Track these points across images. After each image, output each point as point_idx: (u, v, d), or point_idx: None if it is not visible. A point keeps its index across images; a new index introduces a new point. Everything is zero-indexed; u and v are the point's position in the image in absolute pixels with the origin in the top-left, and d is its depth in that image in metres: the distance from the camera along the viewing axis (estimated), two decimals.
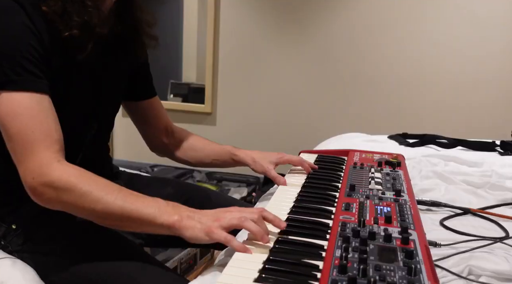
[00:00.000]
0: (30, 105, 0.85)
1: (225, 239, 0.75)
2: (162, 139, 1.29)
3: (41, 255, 0.97)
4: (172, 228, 0.79)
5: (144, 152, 1.42)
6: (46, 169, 0.82)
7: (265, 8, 3.14)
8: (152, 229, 0.82)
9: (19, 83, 0.84)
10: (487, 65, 2.78)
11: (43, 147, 0.84)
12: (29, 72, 0.85)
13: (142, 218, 0.81)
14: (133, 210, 0.81)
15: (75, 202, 0.82)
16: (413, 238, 0.75)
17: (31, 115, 0.84)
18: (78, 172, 0.84)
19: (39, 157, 0.83)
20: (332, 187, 1.05)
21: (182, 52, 3.50)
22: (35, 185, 0.83)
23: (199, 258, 2.15)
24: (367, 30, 2.96)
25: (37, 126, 0.84)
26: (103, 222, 0.86)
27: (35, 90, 0.86)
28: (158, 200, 0.84)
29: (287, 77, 3.16)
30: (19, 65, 0.85)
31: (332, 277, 0.62)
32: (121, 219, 0.82)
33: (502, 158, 1.69)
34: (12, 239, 0.99)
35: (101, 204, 0.81)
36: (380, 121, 2.99)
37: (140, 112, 1.26)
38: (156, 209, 0.81)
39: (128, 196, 0.83)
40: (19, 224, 0.99)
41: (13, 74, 0.84)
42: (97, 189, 0.82)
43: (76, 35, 0.92)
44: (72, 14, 0.91)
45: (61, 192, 0.82)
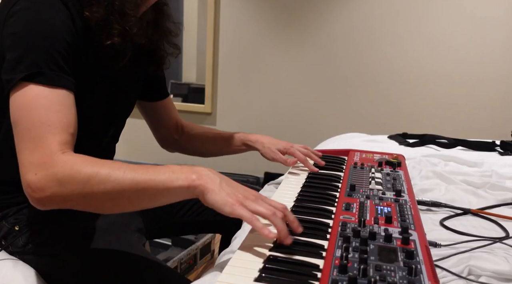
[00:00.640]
0: (55, 99, 0.83)
1: (250, 218, 0.71)
2: (173, 135, 1.33)
3: (43, 257, 0.97)
4: (191, 187, 0.75)
5: (144, 152, 1.43)
6: (49, 162, 0.78)
7: (265, 8, 3.14)
8: (171, 196, 0.77)
9: (50, 77, 0.84)
10: (487, 65, 2.78)
11: (54, 139, 0.80)
12: (61, 68, 0.86)
13: (157, 186, 0.75)
14: (146, 180, 0.76)
15: (82, 189, 0.76)
16: (414, 238, 0.75)
17: (54, 110, 0.82)
18: (82, 158, 0.80)
19: (47, 150, 0.79)
20: (333, 187, 1.05)
21: (182, 52, 3.49)
22: (36, 181, 0.77)
23: (199, 258, 2.15)
24: (367, 30, 2.96)
25: (56, 121, 0.82)
26: (118, 203, 0.79)
27: (63, 87, 0.85)
28: (171, 166, 0.79)
29: (287, 77, 3.16)
30: (53, 60, 0.85)
31: (333, 277, 0.62)
32: (136, 194, 0.77)
33: (502, 158, 1.69)
34: (14, 240, 0.99)
35: (111, 182, 0.75)
36: (380, 121, 2.99)
37: (153, 112, 1.30)
38: (170, 173, 0.76)
39: (137, 168, 0.78)
40: (22, 225, 0.99)
41: (46, 68, 0.84)
42: (103, 168, 0.77)
43: (117, 43, 0.93)
44: (113, 22, 0.92)
45: (65, 183, 0.76)
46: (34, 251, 0.97)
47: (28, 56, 0.83)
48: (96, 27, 0.91)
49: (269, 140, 1.27)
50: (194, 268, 2.09)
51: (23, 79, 0.82)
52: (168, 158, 3.36)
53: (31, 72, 0.82)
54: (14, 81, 0.82)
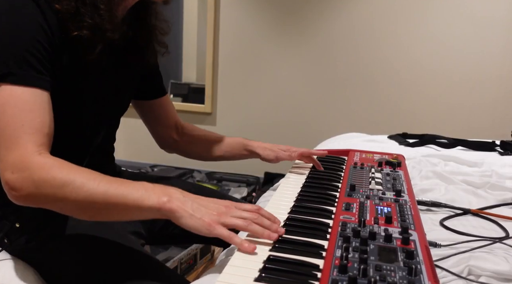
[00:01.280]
0: (27, 99, 0.83)
1: (228, 236, 0.73)
2: (172, 136, 1.30)
3: (43, 255, 0.97)
4: (162, 210, 0.75)
5: (144, 152, 1.42)
6: (26, 163, 0.78)
7: (265, 8, 3.14)
8: (141, 214, 0.78)
9: (20, 77, 0.83)
10: (487, 65, 2.78)
11: (30, 141, 0.80)
12: (31, 66, 0.84)
13: (128, 203, 0.76)
14: (118, 196, 0.77)
15: (55, 194, 0.77)
16: (414, 239, 0.75)
17: (26, 109, 0.82)
18: (59, 163, 0.80)
19: (22, 150, 0.79)
20: (333, 187, 1.05)
21: (182, 52, 3.50)
22: (13, 180, 0.78)
23: (199, 258, 2.15)
24: (367, 30, 2.96)
25: (29, 121, 0.81)
26: (87, 213, 0.81)
27: (34, 85, 0.84)
28: (144, 183, 0.79)
29: (287, 77, 3.16)
30: (23, 59, 0.83)
31: (333, 277, 0.62)
32: (106, 207, 0.78)
33: (502, 158, 1.69)
34: (15, 238, 0.99)
35: (84, 192, 0.76)
36: (380, 121, 2.99)
37: (150, 111, 1.27)
38: (143, 192, 0.77)
39: (112, 182, 0.78)
40: (23, 223, 0.99)
41: (16, 67, 0.83)
42: (79, 177, 0.78)
43: (86, 36, 0.91)
44: (84, 15, 0.90)
45: (40, 186, 0.77)
46: (36, 248, 0.97)
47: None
48: (66, 19, 0.89)
49: (269, 145, 1.28)
50: (194, 268, 2.09)
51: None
52: (168, 159, 3.36)
53: (1, 72, 0.82)
54: None
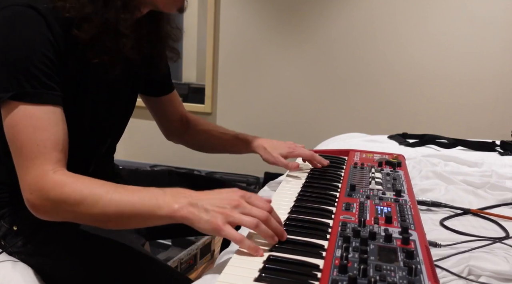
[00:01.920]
0: (40, 117, 0.84)
1: (235, 239, 0.73)
2: (178, 128, 1.34)
3: (42, 257, 0.97)
4: (174, 218, 0.77)
5: (144, 152, 1.43)
6: (42, 183, 0.82)
7: (265, 8, 3.14)
8: (155, 222, 0.80)
9: (33, 96, 0.84)
10: (487, 65, 2.78)
11: (44, 160, 0.83)
12: (44, 84, 0.85)
13: (141, 214, 0.79)
14: (131, 208, 0.79)
15: (73, 211, 0.81)
16: (414, 238, 0.75)
17: (40, 128, 0.84)
18: (72, 180, 0.83)
19: (39, 171, 0.82)
20: (333, 187, 1.05)
21: (182, 52, 3.48)
22: (33, 199, 0.82)
23: (199, 258, 2.15)
24: (366, 30, 2.96)
25: (44, 140, 0.83)
26: (107, 225, 0.84)
27: (47, 103, 0.85)
28: (154, 190, 0.81)
29: (287, 77, 3.16)
30: (34, 77, 0.84)
31: (333, 277, 0.62)
32: (121, 219, 0.81)
33: (502, 158, 1.69)
34: (13, 240, 0.99)
35: (98, 208, 0.79)
36: (380, 121, 2.99)
37: (158, 106, 1.30)
38: (154, 202, 0.78)
39: (124, 195, 0.80)
40: (20, 226, 0.99)
41: (28, 86, 0.84)
42: (91, 195, 0.80)
43: (106, 60, 0.91)
44: (105, 40, 0.90)
45: (56, 205, 0.81)
46: (33, 251, 0.97)
47: (10, 75, 0.83)
48: (83, 45, 0.89)
49: (271, 144, 1.25)
50: (194, 268, 2.10)
51: (9, 98, 0.83)
52: (168, 159, 3.36)
53: (16, 92, 0.83)
54: (1, 100, 0.84)
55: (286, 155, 1.23)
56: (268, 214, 0.76)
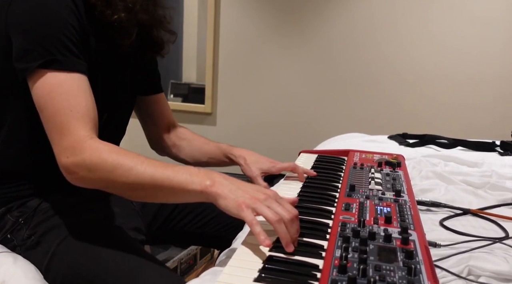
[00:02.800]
0: (72, 84, 0.87)
1: (250, 221, 0.73)
2: (164, 137, 1.30)
3: (44, 250, 0.97)
4: (204, 193, 0.78)
5: (144, 152, 1.42)
6: (79, 148, 0.84)
7: (265, 8, 3.14)
8: (185, 197, 0.81)
9: (64, 63, 0.86)
10: (487, 65, 2.78)
11: (80, 126, 0.85)
12: (72, 52, 0.88)
13: (173, 186, 0.80)
14: (164, 179, 0.80)
15: (107, 177, 0.83)
16: (413, 239, 0.75)
17: (72, 95, 0.86)
18: (108, 148, 0.85)
19: (75, 136, 0.84)
20: (332, 187, 1.05)
21: (182, 52, 3.50)
22: (69, 164, 0.84)
23: (199, 258, 2.15)
24: (366, 30, 2.96)
25: (76, 106, 0.86)
26: (137, 194, 0.86)
27: (77, 71, 0.88)
28: (189, 167, 0.83)
29: (287, 77, 3.16)
30: (64, 46, 0.87)
31: (332, 277, 0.62)
32: (153, 189, 0.82)
33: (502, 158, 1.69)
34: (18, 233, 0.99)
35: (132, 175, 0.81)
36: (380, 121, 2.99)
37: (145, 107, 1.27)
38: (187, 176, 0.80)
39: (158, 166, 0.82)
40: (26, 219, 0.99)
41: (59, 54, 0.86)
42: (127, 161, 0.82)
43: (124, 19, 0.94)
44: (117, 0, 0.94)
45: (92, 169, 0.83)
46: (36, 243, 0.98)
47: (39, 43, 0.86)
48: (100, 4, 0.93)
49: (253, 158, 1.18)
50: (194, 268, 2.10)
51: (38, 66, 0.85)
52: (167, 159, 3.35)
53: (46, 59, 0.85)
54: (30, 70, 0.86)
55: (267, 170, 1.17)
56: (293, 216, 0.75)
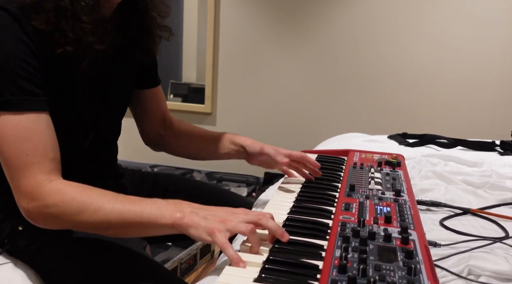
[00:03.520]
0: (26, 126, 0.81)
1: (222, 245, 0.72)
2: (159, 130, 1.24)
3: (44, 257, 0.97)
4: (176, 226, 0.77)
5: (144, 152, 1.41)
6: (38, 193, 0.80)
7: (265, 8, 3.14)
8: (156, 231, 0.80)
9: (15, 104, 0.80)
10: (487, 65, 2.78)
11: (37, 169, 0.81)
12: (25, 91, 0.81)
13: (143, 222, 0.78)
14: (133, 216, 0.79)
15: (73, 220, 0.80)
16: (413, 238, 0.75)
17: (27, 137, 0.81)
18: (71, 189, 0.82)
19: (33, 181, 0.80)
20: (332, 187, 1.05)
21: (182, 52, 3.50)
22: (31, 210, 0.81)
23: (199, 258, 2.15)
24: (367, 30, 2.96)
25: (32, 149, 0.81)
26: (106, 232, 0.84)
27: (31, 110, 0.82)
28: (157, 200, 0.81)
29: (287, 77, 3.16)
30: (15, 84, 0.80)
31: (332, 277, 0.62)
32: (122, 227, 0.80)
33: (502, 158, 1.69)
34: (17, 240, 0.98)
35: (100, 216, 0.79)
36: (380, 121, 2.99)
37: (141, 101, 1.21)
38: (156, 210, 0.78)
39: (126, 203, 0.80)
40: (25, 226, 0.98)
41: (9, 94, 0.80)
42: (93, 202, 0.80)
43: (71, 52, 0.86)
44: (66, 30, 0.85)
45: (56, 215, 0.80)
46: (35, 251, 0.97)
47: None
48: (46, 36, 0.84)
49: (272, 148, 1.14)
50: (194, 268, 2.09)
51: None
52: (168, 159, 3.35)
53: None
54: None
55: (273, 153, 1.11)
56: (265, 214, 0.77)
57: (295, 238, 0.76)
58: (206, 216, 0.77)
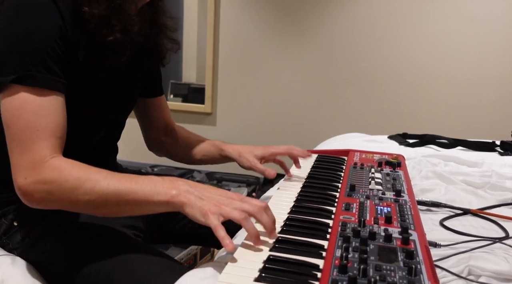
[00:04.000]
0: (41, 103, 0.83)
1: (214, 227, 0.73)
2: (160, 137, 1.29)
3: (41, 252, 0.97)
4: (171, 203, 0.78)
5: (144, 152, 1.42)
6: (38, 168, 0.81)
7: (265, 8, 3.14)
8: (151, 208, 0.80)
9: (37, 80, 0.83)
10: (487, 65, 2.78)
11: (43, 145, 0.82)
12: (49, 70, 0.85)
13: (138, 198, 0.79)
14: (129, 192, 0.79)
15: (68, 197, 0.80)
16: (413, 238, 0.75)
17: (41, 114, 0.83)
18: (70, 165, 0.83)
19: (36, 155, 0.82)
20: (332, 187, 1.05)
21: (182, 52, 3.50)
22: (27, 185, 0.81)
23: (199, 258, 2.15)
24: (367, 30, 2.96)
25: (43, 125, 0.83)
26: (101, 211, 0.83)
27: (50, 88, 0.85)
28: (153, 177, 0.82)
29: (287, 77, 3.16)
30: (42, 62, 0.84)
31: (333, 277, 0.62)
32: (118, 204, 0.81)
33: (502, 158, 1.69)
34: (13, 236, 0.99)
35: (95, 192, 0.79)
36: (380, 121, 2.99)
37: (145, 109, 1.26)
38: (152, 187, 0.79)
39: (122, 180, 0.81)
40: (21, 222, 0.99)
41: (34, 70, 0.83)
42: (90, 178, 0.80)
43: (119, 39, 0.92)
44: (113, 19, 0.91)
45: (53, 189, 0.80)
46: (31, 245, 0.97)
47: (16, 57, 0.83)
48: (96, 23, 0.89)
49: (247, 149, 1.19)
50: (194, 268, 2.09)
51: (12, 81, 0.82)
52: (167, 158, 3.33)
53: (20, 74, 0.82)
54: (3, 84, 0.83)
55: (262, 155, 1.17)
56: (261, 207, 0.77)
57: (295, 238, 0.76)
58: (201, 196, 0.78)
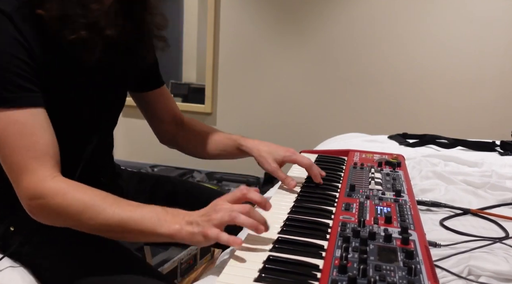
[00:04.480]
0: (23, 122, 0.82)
1: (216, 238, 0.74)
2: (171, 130, 1.25)
3: (39, 258, 0.96)
4: (175, 238, 0.78)
5: (144, 152, 1.42)
6: (40, 191, 0.81)
7: (265, 8, 3.14)
8: (155, 239, 0.81)
9: (12, 101, 0.81)
10: (487, 65, 2.78)
11: (38, 165, 0.81)
12: (21, 87, 0.82)
13: (142, 230, 0.80)
14: (132, 223, 0.80)
15: (75, 219, 0.81)
16: (413, 238, 0.75)
17: (26, 133, 0.81)
18: (73, 188, 0.82)
19: (34, 177, 0.81)
20: (332, 187, 1.05)
21: (182, 52, 3.50)
22: (33, 206, 0.82)
23: (199, 258, 2.15)
24: (367, 31, 2.96)
25: (32, 145, 0.82)
26: (106, 234, 0.84)
27: (28, 106, 0.82)
28: (156, 208, 0.81)
29: (287, 77, 3.16)
30: (10, 82, 0.81)
31: (332, 277, 0.62)
32: (122, 232, 0.81)
33: (502, 158, 1.70)
34: (10, 241, 0.98)
35: (100, 219, 0.80)
36: (380, 121, 2.99)
37: (148, 103, 1.22)
38: (155, 220, 0.79)
39: (126, 210, 0.81)
40: (18, 227, 0.98)
41: (5, 92, 0.81)
42: (94, 204, 0.80)
43: (85, 37, 0.87)
44: (75, 16, 0.86)
45: (58, 212, 0.81)
46: (30, 252, 0.97)
47: None
48: (55, 24, 0.84)
49: (267, 148, 1.12)
50: (194, 268, 2.09)
51: None
52: (168, 159, 3.36)
53: None
54: None
55: (282, 160, 1.11)
56: (250, 206, 0.78)
57: (295, 238, 0.76)
58: (199, 222, 0.78)
